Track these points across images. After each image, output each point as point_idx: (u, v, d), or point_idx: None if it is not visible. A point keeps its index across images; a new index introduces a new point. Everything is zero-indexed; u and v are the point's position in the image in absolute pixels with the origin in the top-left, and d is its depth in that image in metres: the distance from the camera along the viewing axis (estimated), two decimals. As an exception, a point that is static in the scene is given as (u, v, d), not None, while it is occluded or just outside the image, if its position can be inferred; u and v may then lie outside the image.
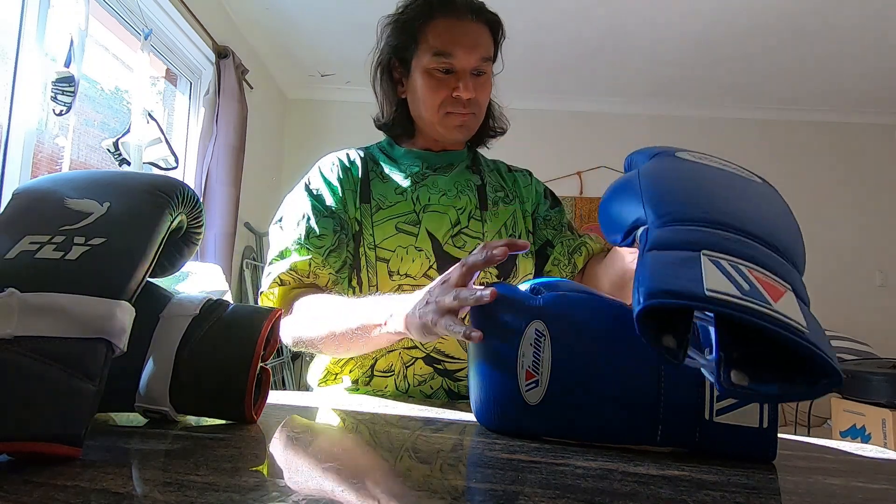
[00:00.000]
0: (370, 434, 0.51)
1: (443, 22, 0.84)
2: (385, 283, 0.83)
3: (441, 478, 0.37)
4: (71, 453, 0.35)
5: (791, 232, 0.40)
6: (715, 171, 0.45)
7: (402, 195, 0.87)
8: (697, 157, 0.46)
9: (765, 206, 0.42)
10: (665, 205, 0.39)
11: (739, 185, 0.43)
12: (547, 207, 0.96)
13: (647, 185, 0.42)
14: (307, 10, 2.66)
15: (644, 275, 0.32)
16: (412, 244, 0.83)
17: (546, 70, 3.25)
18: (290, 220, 0.84)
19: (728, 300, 0.29)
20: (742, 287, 0.30)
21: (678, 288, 0.30)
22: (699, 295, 0.29)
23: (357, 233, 0.85)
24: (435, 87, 0.84)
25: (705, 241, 0.34)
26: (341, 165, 0.89)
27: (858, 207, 3.60)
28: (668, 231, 0.36)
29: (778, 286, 0.32)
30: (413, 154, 0.93)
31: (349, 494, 0.32)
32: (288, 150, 3.54)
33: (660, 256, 0.34)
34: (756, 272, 0.32)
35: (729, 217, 0.37)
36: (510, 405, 0.48)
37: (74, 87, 1.47)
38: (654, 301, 0.30)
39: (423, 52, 0.84)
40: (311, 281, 0.80)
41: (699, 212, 0.37)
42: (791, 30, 2.71)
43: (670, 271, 0.32)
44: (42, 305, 0.37)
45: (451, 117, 0.86)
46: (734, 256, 0.33)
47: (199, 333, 0.48)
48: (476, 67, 0.84)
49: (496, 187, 0.94)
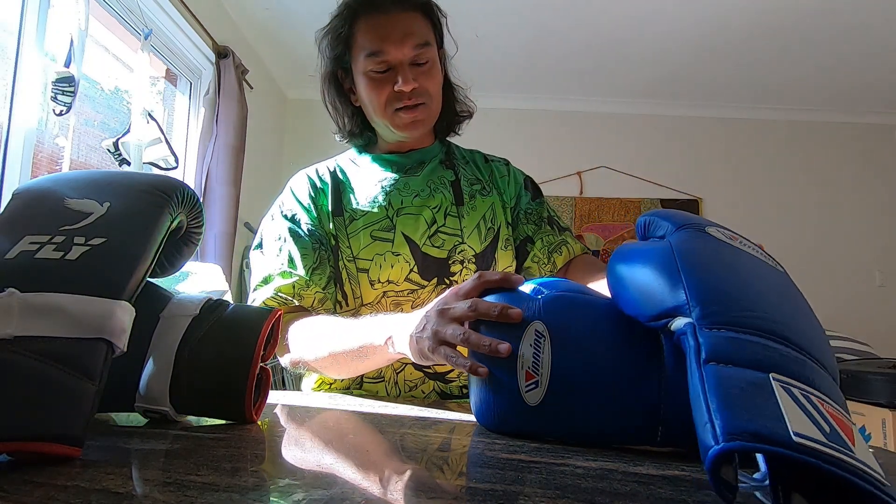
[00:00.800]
0: (370, 434, 0.51)
1: (367, 21, 0.82)
2: (369, 293, 0.83)
3: (441, 478, 0.37)
4: (71, 453, 0.35)
5: (822, 336, 0.38)
6: (750, 259, 0.42)
7: (374, 202, 0.86)
8: (728, 236, 0.44)
9: (797, 304, 0.40)
10: (714, 301, 0.36)
11: (773, 278, 0.42)
12: (528, 200, 0.94)
13: (687, 268, 0.39)
14: (307, 10, 2.66)
15: (718, 402, 0.29)
16: (389, 250, 0.82)
17: (546, 70, 3.25)
18: (269, 246, 0.84)
19: (816, 449, 0.26)
20: (824, 429, 0.28)
21: (764, 430, 0.27)
22: (788, 442, 0.26)
23: (334, 247, 0.84)
24: (375, 87, 0.83)
25: (769, 361, 0.32)
26: (310, 183, 0.89)
27: (858, 207, 3.60)
28: (724, 339, 0.34)
29: (847, 422, 0.30)
30: (381, 159, 0.92)
31: (349, 494, 0.32)
32: (288, 150, 3.54)
33: (728, 377, 0.31)
34: (826, 405, 0.30)
35: (779, 325, 0.35)
36: (510, 406, 0.48)
37: (74, 87, 1.47)
38: (737, 444, 0.27)
39: (358, 56, 0.83)
40: (297, 303, 0.79)
41: (751, 316, 0.35)
42: (791, 30, 2.71)
43: (749, 404, 0.29)
44: (42, 305, 0.37)
45: (401, 115, 0.84)
46: (800, 382, 0.31)
47: (199, 333, 0.48)
48: (413, 58, 0.82)
49: (472, 180, 0.92)
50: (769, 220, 3.53)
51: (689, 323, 0.36)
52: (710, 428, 0.28)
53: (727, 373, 0.31)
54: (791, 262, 3.79)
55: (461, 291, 0.57)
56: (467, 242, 0.85)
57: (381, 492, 0.33)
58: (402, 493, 0.33)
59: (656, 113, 3.65)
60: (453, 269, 0.84)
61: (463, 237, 0.85)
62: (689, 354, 0.34)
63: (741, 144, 3.64)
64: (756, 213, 3.53)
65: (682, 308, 0.37)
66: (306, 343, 0.74)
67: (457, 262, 0.84)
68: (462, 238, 0.85)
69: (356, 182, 0.89)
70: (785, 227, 3.54)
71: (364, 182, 0.89)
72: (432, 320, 0.56)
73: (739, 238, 0.45)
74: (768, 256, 0.45)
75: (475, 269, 0.85)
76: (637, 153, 3.60)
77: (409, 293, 0.83)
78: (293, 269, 0.80)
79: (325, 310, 0.81)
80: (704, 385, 0.31)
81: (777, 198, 3.59)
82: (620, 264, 0.46)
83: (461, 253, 0.84)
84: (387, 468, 0.39)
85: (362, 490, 0.33)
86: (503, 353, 0.47)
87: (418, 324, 0.58)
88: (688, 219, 0.46)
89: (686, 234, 0.44)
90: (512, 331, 0.49)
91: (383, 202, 0.85)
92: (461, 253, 0.84)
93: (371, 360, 0.69)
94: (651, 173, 3.52)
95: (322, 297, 0.81)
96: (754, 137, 3.66)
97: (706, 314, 0.36)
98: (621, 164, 3.55)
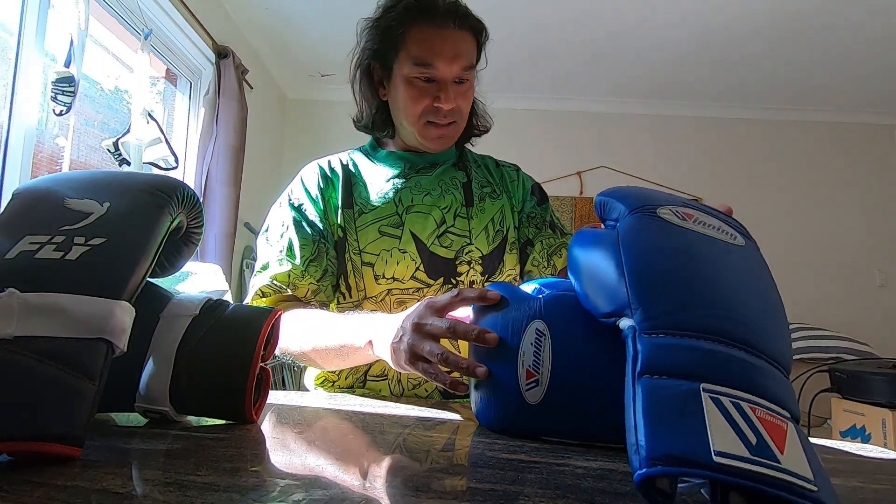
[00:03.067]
0: (370, 434, 0.51)
1: (424, 30, 0.81)
2: (373, 288, 0.83)
3: (441, 478, 0.37)
4: (71, 453, 0.35)
5: (777, 317, 0.38)
6: (703, 241, 0.41)
7: (385, 198, 0.86)
8: (680, 215, 0.42)
9: (751, 284, 0.39)
10: (655, 301, 0.36)
11: (727, 260, 0.40)
12: (533, 204, 0.95)
13: (630, 263, 0.38)
14: (307, 10, 2.66)
15: (645, 424, 0.30)
16: (396, 246, 0.83)
17: (547, 70, 3.25)
18: (273, 232, 0.86)
19: (738, 468, 0.27)
20: (749, 441, 0.29)
21: (685, 453, 0.28)
22: (708, 463, 0.27)
23: (342, 239, 0.84)
24: (416, 96, 0.83)
25: (703, 368, 0.32)
26: (321, 174, 0.89)
27: (858, 207, 3.60)
28: (661, 347, 0.34)
29: (779, 423, 0.31)
30: (395, 156, 0.92)
31: (349, 494, 0.32)
32: (288, 150, 3.54)
33: (658, 393, 0.31)
34: (758, 409, 0.31)
35: (723, 320, 0.35)
36: (510, 405, 0.48)
37: (74, 87, 1.47)
38: (658, 470, 0.28)
39: (404, 60, 0.83)
40: (291, 292, 0.80)
41: (693, 315, 0.35)
42: (791, 30, 2.71)
43: (674, 423, 0.30)
44: (42, 305, 0.37)
45: (431, 128, 0.85)
46: (734, 388, 0.31)
47: (199, 333, 0.48)
48: (458, 77, 0.83)
49: (483, 182, 0.93)
50: (769, 219, 3.53)
51: (631, 326, 0.36)
52: (637, 451, 0.29)
53: (659, 387, 0.32)
54: (791, 262, 3.76)
55: (436, 305, 0.57)
56: (475, 244, 0.86)
57: (381, 492, 0.33)
58: (403, 493, 0.33)
59: (656, 113, 3.65)
60: (460, 270, 0.84)
61: (471, 238, 0.86)
62: (628, 364, 0.34)
63: (741, 144, 3.64)
64: (756, 212, 3.53)
65: (625, 309, 0.37)
66: (292, 335, 0.76)
67: (464, 263, 0.85)
68: (470, 239, 0.86)
69: (368, 176, 0.90)
70: (785, 227, 3.54)
71: (376, 177, 0.89)
72: (408, 334, 0.57)
73: (695, 215, 0.43)
74: (731, 229, 0.43)
75: (482, 270, 0.85)
76: (637, 153, 3.60)
77: (414, 291, 0.83)
78: (291, 257, 0.81)
79: (317, 301, 0.82)
80: (635, 403, 0.31)
81: (777, 197, 3.59)
82: (574, 254, 0.45)
83: (469, 254, 0.85)
84: (387, 468, 0.39)
85: (362, 490, 0.33)
86: (480, 377, 0.49)
87: (395, 333, 0.59)
88: (640, 200, 0.44)
89: (635, 220, 0.42)
90: (512, 329, 0.49)
91: (394, 198, 0.86)
92: (469, 254, 0.85)
93: (351, 359, 0.71)
94: (651, 173, 3.52)
95: (316, 289, 0.81)
96: (754, 137, 3.66)
97: (646, 317, 0.35)
98: (621, 164, 3.55)
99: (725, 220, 0.44)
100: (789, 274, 3.44)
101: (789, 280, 3.45)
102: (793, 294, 3.32)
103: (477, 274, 0.85)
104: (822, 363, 2.20)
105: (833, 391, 1.73)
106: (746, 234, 0.45)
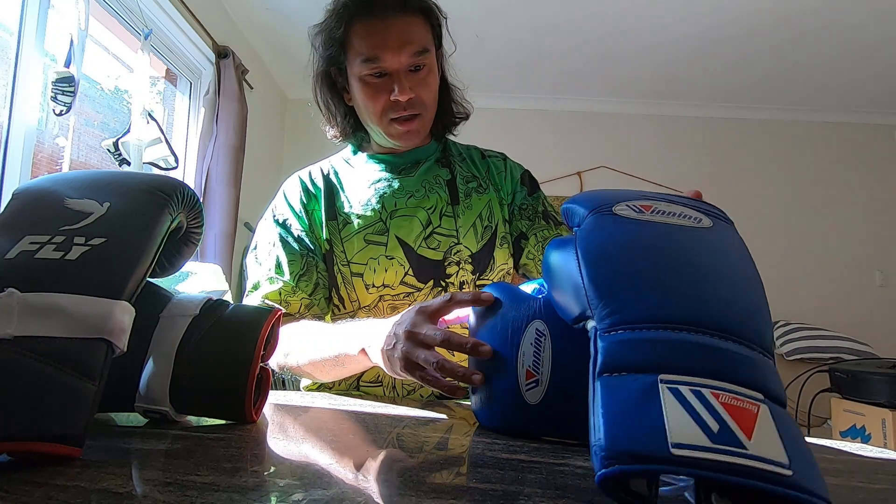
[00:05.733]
0: (370, 434, 0.51)
1: (364, 25, 0.78)
2: (365, 297, 0.82)
3: (441, 477, 0.37)
4: (71, 453, 0.35)
5: (750, 294, 0.36)
6: (660, 231, 0.40)
7: (367, 206, 0.84)
8: (637, 208, 0.41)
9: (718, 265, 0.38)
10: (608, 301, 0.35)
11: (688, 243, 0.39)
12: (524, 195, 0.92)
13: (586, 266, 0.38)
14: (307, 10, 2.65)
15: (604, 423, 0.29)
16: (382, 254, 0.82)
17: (547, 70, 3.25)
18: (261, 251, 0.85)
19: (697, 458, 0.27)
20: (711, 429, 0.28)
21: (640, 448, 0.27)
22: (665, 457, 0.27)
23: (329, 252, 0.84)
24: (372, 94, 0.80)
25: (661, 359, 0.31)
26: (303, 188, 0.88)
27: (858, 207, 3.60)
28: (618, 344, 0.33)
29: (749, 405, 0.29)
30: (376, 159, 0.90)
31: (349, 494, 0.32)
32: (288, 150, 3.54)
33: (616, 391, 0.31)
34: (723, 394, 0.29)
35: (680, 307, 0.34)
36: (510, 405, 0.48)
37: (74, 87, 1.47)
38: (616, 469, 0.27)
39: (353, 59, 0.80)
40: (284, 310, 0.80)
41: (647, 308, 0.34)
42: (791, 30, 2.71)
43: (631, 419, 0.29)
44: (42, 305, 0.37)
45: (396, 125, 0.82)
46: (694, 376, 0.30)
47: (199, 333, 0.48)
48: (410, 64, 0.79)
49: (468, 178, 0.90)
50: (769, 219, 3.53)
51: (593, 327, 0.35)
52: (596, 452, 0.29)
53: (616, 385, 0.31)
54: (791, 262, 3.77)
55: (428, 310, 0.57)
56: (463, 243, 0.84)
57: (380, 492, 0.33)
58: (402, 493, 0.33)
59: (656, 113, 3.65)
60: (449, 271, 0.83)
61: (458, 237, 0.84)
62: (591, 365, 0.34)
63: (741, 144, 3.64)
64: (756, 212, 3.53)
65: (586, 311, 0.37)
66: (289, 350, 0.75)
67: (452, 264, 0.83)
68: (458, 238, 0.84)
69: (349, 184, 0.88)
70: (785, 227, 3.54)
71: (357, 184, 0.87)
72: (402, 341, 0.57)
73: (654, 205, 0.42)
74: (695, 212, 0.42)
75: (472, 269, 0.84)
76: (637, 153, 3.60)
77: (404, 296, 0.82)
78: (280, 274, 0.81)
79: (312, 315, 0.81)
80: (594, 404, 0.31)
81: (777, 197, 3.59)
82: (545, 264, 0.45)
83: (457, 254, 0.84)
84: (387, 468, 0.39)
85: (362, 490, 0.33)
86: (476, 384, 0.50)
87: (387, 340, 0.59)
88: (597, 201, 0.43)
89: (591, 222, 0.41)
90: (512, 329, 0.49)
91: (376, 205, 0.84)
92: (457, 254, 0.84)
93: (349, 367, 0.70)
94: (651, 173, 3.52)
95: (308, 304, 0.81)
96: (754, 137, 3.66)
97: (604, 315, 0.35)
98: (621, 164, 3.55)
99: (691, 205, 0.43)
100: (789, 274, 3.44)
101: (789, 280, 3.45)
102: (793, 294, 3.35)
103: (468, 273, 0.83)
104: (822, 363, 2.20)
105: (833, 391, 1.73)
106: (717, 214, 0.43)
